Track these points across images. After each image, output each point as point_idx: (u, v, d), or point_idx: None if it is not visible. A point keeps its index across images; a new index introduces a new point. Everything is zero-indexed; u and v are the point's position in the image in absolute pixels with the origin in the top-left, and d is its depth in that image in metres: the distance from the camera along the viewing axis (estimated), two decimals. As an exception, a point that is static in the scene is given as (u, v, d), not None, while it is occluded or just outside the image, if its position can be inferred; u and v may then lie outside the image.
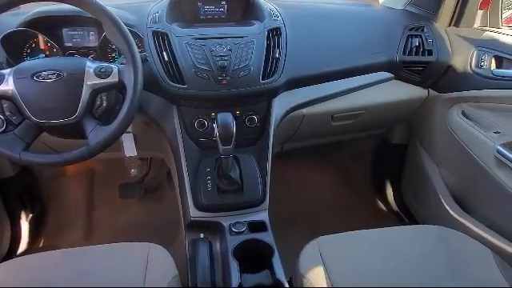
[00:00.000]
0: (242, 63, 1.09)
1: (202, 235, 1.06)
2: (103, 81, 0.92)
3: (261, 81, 1.10)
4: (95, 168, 1.81)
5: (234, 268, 0.91)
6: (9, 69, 0.92)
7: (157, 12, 1.16)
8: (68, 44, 1.18)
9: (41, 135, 0.95)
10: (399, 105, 1.44)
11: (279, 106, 1.18)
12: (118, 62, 1.10)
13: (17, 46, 1.13)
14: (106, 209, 1.77)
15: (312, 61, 1.23)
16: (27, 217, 1.64)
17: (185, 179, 1.12)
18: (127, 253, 0.93)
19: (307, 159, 1.87)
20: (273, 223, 1.07)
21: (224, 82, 1.08)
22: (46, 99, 0.90)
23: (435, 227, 1.03)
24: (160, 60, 1.09)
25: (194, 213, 1.09)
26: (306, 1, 1.48)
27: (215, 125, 1.00)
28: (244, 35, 1.14)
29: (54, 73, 0.90)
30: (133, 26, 1.12)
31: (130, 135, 1.14)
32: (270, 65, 1.13)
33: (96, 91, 0.93)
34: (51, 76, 0.90)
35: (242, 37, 1.13)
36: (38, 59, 1.03)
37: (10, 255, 1.53)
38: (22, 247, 1.61)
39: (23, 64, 0.94)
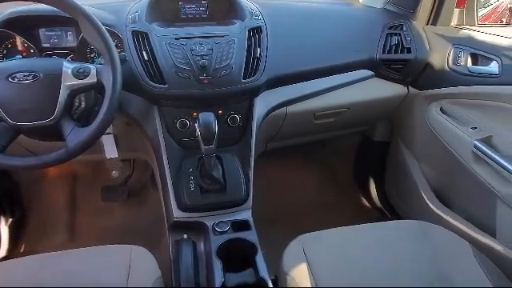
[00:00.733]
0: (223, 62, 1.09)
1: (186, 236, 1.05)
2: (81, 81, 0.91)
3: (242, 80, 1.10)
4: (77, 171, 1.78)
5: (218, 267, 0.91)
6: None
7: (136, 11, 1.15)
8: (45, 45, 1.15)
9: (18, 138, 0.93)
10: (380, 102, 1.46)
11: (261, 105, 1.19)
12: (97, 63, 1.09)
13: None
14: (89, 212, 1.74)
15: (293, 60, 1.24)
16: (6, 221, 1.60)
17: (167, 180, 1.11)
18: (109, 255, 0.92)
19: (290, 158, 1.88)
20: (256, 222, 1.07)
21: (205, 82, 1.07)
22: (22, 100, 0.88)
23: (417, 222, 1.05)
24: (140, 60, 1.08)
25: (177, 213, 1.09)
26: (288, 0, 1.49)
27: (197, 124, 0.99)
28: (225, 34, 1.13)
29: (30, 74, 0.88)
30: (111, 26, 1.10)
31: (111, 136, 1.12)
32: (251, 64, 1.13)
33: (74, 92, 0.92)
34: (27, 77, 0.88)
35: (223, 36, 1.13)
36: (14, 60, 1.01)
37: None
38: (2, 253, 1.57)
39: None
